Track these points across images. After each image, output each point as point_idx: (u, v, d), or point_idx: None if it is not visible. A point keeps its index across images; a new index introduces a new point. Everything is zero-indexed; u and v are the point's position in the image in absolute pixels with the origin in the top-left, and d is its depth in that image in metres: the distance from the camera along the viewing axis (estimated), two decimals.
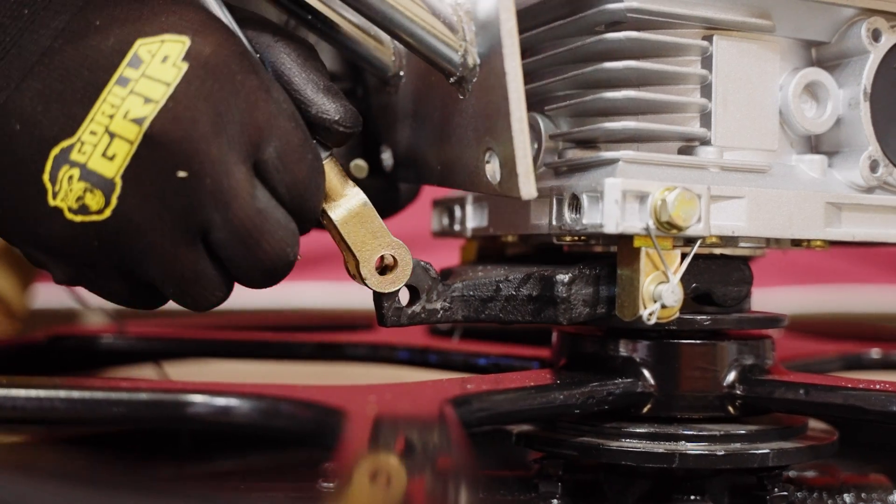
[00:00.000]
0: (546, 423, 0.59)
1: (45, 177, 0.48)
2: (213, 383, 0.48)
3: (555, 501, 0.57)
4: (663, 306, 0.52)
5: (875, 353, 0.82)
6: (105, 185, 0.48)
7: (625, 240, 0.53)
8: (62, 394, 0.45)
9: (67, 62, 0.48)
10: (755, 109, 0.56)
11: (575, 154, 0.56)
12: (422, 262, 0.55)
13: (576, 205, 0.53)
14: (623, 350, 0.57)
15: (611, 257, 0.55)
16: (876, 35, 0.57)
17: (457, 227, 0.67)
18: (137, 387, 0.46)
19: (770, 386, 0.57)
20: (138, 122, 0.48)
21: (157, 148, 0.48)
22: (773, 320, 0.59)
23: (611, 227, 0.51)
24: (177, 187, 0.48)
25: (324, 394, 0.48)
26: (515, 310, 0.55)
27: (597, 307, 0.55)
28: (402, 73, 0.61)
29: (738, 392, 0.57)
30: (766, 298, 0.62)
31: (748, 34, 0.56)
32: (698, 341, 0.57)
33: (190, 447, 0.71)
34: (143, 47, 0.49)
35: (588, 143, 0.56)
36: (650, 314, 0.52)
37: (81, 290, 0.80)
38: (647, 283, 0.52)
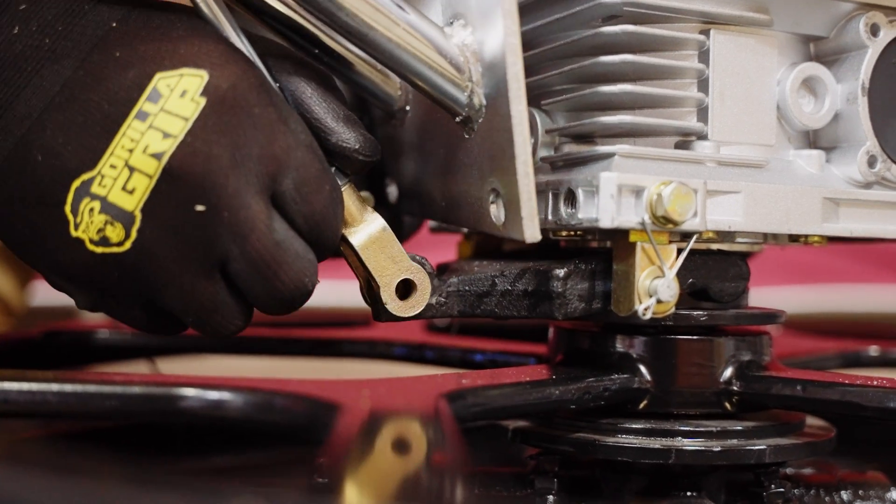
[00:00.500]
0: (542, 419, 0.59)
1: (67, 208, 0.49)
2: (207, 377, 0.48)
3: (551, 497, 0.57)
4: (659, 301, 0.52)
5: (874, 350, 0.82)
6: (125, 218, 0.49)
7: (620, 234, 0.53)
8: (55, 387, 0.45)
9: (88, 94, 0.49)
10: (752, 104, 0.56)
11: (571, 148, 0.56)
12: (417, 257, 0.54)
13: (571, 199, 0.53)
14: (619, 346, 0.57)
15: (607, 252, 0.55)
16: (874, 30, 0.57)
17: None
18: (130, 380, 0.46)
19: (767, 382, 0.56)
20: (157, 156, 0.48)
21: (176, 182, 0.48)
22: (770, 316, 0.59)
23: (606, 222, 0.51)
24: (195, 220, 0.49)
25: (318, 388, 0.48)
26: (511, 305, 0.55)
27: (592, 302, 0.55)
28: (408, 108, 0.61)
29: (735, 388, 0.57)
30: (765, 298, 0.61)
31: (746, 28, 0.56)
32: (695, 337, 0.57)
33: (185, 442, 0.71)
34: (162, 81, 0.49)
35: (584, 137, 0.56)
36: (646, 309, 0.52)
37: None
38: (643, 277, 0.52)
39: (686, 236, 0.54)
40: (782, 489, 0.57)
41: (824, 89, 0.57)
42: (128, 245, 0.49)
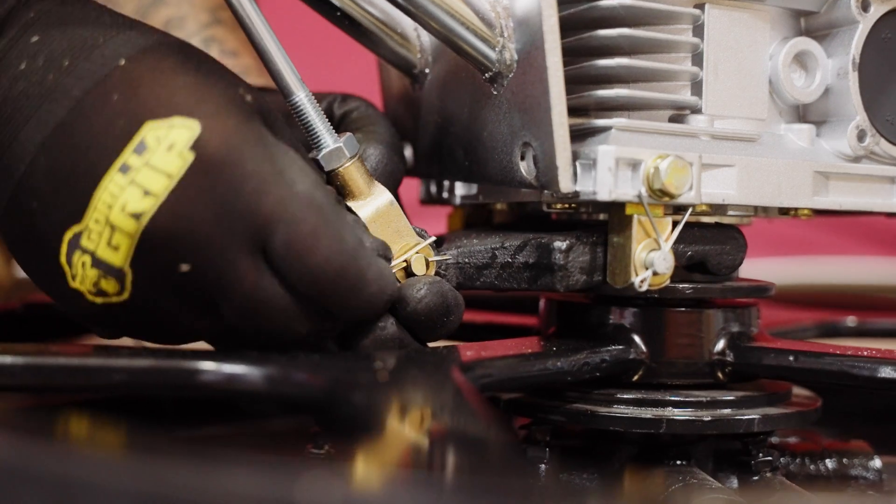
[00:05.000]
0: (534, 389, 0.59)
1: (63, 259, 0.49)
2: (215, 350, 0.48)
3: (542, 466, 0.58)
4: (655, 273, 0.52)
5: (851, 321, 0.83)
6: (116, 273, 0.48)
7: (616, 207, 0.53)
8: (62, 360, 0.45)
9: (77, 139, 0.48)
10: (745, 78, 0.56)
11: None
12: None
13: None
14: (615, 317, 0.58)
15: (606, 224, 0.55)
16: (865, 5, 0.58)
17: (445, 195, 0.67)
18: (138, 353, 0.46)
19: (759, 353, 0.57)
20: (136, 217, 0.47)
21: (158, 243, 0.47)
22: (763, 289, 0.60)
23: (604, 195, 0.52)
24: (183, 277, 0.48)
25: (329, 363, 0.48)
26: (511, 277, 0.55)
27: (594, 274, 0.55)
28: (427, 70, 0.61)
29: (728, 359, 0.58)
30: (746, 269, 0.62)
31: (739, 3, 0.56)
32: (691, 308, 0.58)
33: (171, 412, 0.70)
34: (152, 132, 0.47)
35: (580, 110, 0.56)
36: (642, 281, 0.52)
37: None
38: (639, 250, 0.53)
39: (680, 209, 0.54)
40: (770, 458, 0.58)
41: (815, 64, 0.58)
42: (126, 296, 0.49)
